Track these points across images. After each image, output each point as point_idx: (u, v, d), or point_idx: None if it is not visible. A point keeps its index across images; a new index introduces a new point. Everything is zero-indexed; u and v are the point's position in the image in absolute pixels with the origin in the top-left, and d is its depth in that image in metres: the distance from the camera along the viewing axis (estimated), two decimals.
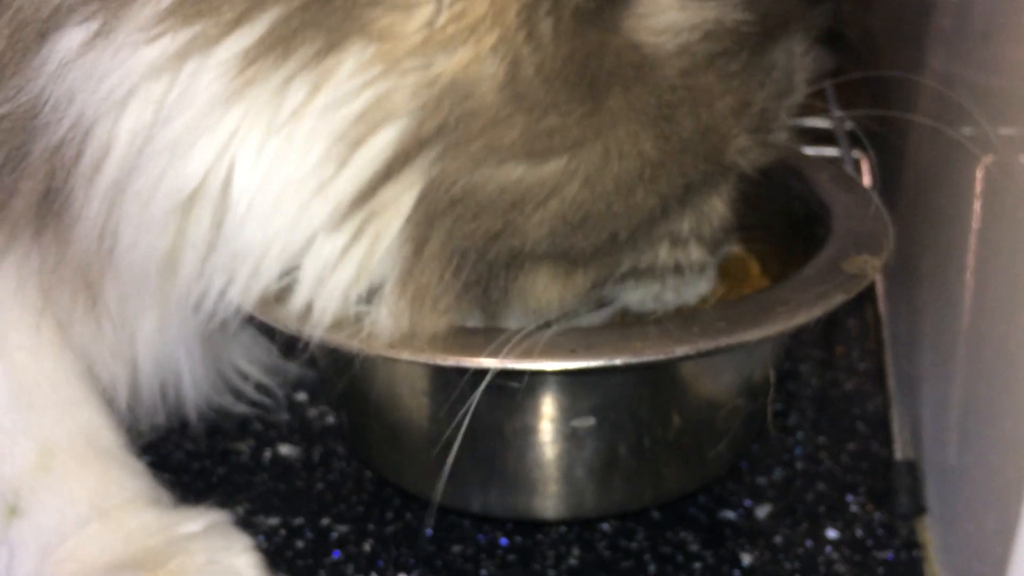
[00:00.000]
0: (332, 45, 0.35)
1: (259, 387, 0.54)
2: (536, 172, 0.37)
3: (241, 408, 0.54)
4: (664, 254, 0.42)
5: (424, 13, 0.35)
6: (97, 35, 0.37)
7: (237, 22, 0.36)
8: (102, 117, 0.37)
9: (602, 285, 0.42)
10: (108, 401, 0.47)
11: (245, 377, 0.53)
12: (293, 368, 0.56)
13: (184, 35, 0.36)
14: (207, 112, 0.36)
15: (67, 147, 0.38)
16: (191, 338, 0.47)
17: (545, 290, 0.41)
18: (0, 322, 0.43)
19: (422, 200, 0.37)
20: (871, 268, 0.42)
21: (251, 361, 0.53)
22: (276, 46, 0.36)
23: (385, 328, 0.39)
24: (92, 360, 0.46)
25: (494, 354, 0.38)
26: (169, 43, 0.36)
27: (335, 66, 0.35)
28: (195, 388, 0.49)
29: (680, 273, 0.43)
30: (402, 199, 0.37)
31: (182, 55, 0.36)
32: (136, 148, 0.37)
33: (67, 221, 0.40)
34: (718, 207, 0.43)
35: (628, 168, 0.37)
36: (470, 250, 0.38)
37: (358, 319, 0.40)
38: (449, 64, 0.35)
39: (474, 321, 0.41)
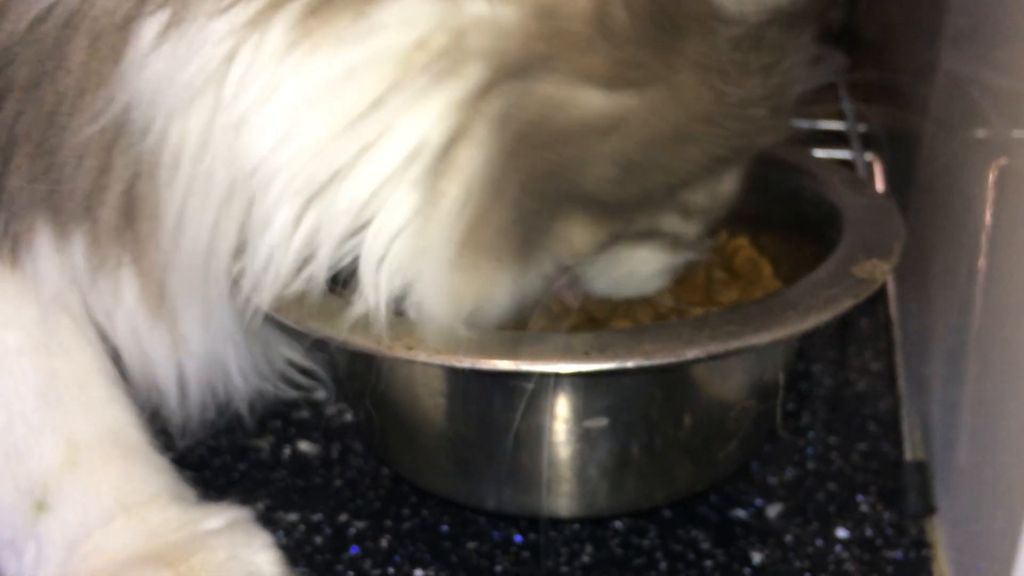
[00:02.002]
0: None
1: (305, 372, 0.54)
2: (609, 101, 0.37)
3: (291, 394, 0.53)
4: (672, 222, 0.43)
5: None
6: (169, 24, 0.36)
7: None
8: (180, 110, 0.37)
9: (616, 239, 0.43)
10: (158, 401, 0.47)
11: (291, 363, 0.53)
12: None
13: (254, 5, 0.36)
14: (268, 82, 0.36)
15: (149, 152, 0.38)
16: (236, 330, 0.47)
17: (576, 236, 0.41)
18: (32, 321, 0.44)
19: (501, 126, 0.37)
20: (880, 272, 0.43)
21: (294, 347, 0.53)
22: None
23: (432, 300, 0.39)
24: (147, 359, 0.46)
25: (509, 356, 0.39)
26: (237, 16, 0.36)
27: None
28: (244, 379, 0.49)
29: (668, 248, 0.44)
30: (483, 130, 0.37)
31: (249, 27, 0.36)
32: (204, 134, 0.37)
33: (145, 224, 0.40)
34: (728, 186, 0.44)
35: (685, 118, 0.39)
36: (533, 183, 0.38)
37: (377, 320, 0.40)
38: None
39: (502, 268, 0.40)
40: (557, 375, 0.40)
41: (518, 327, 0.43)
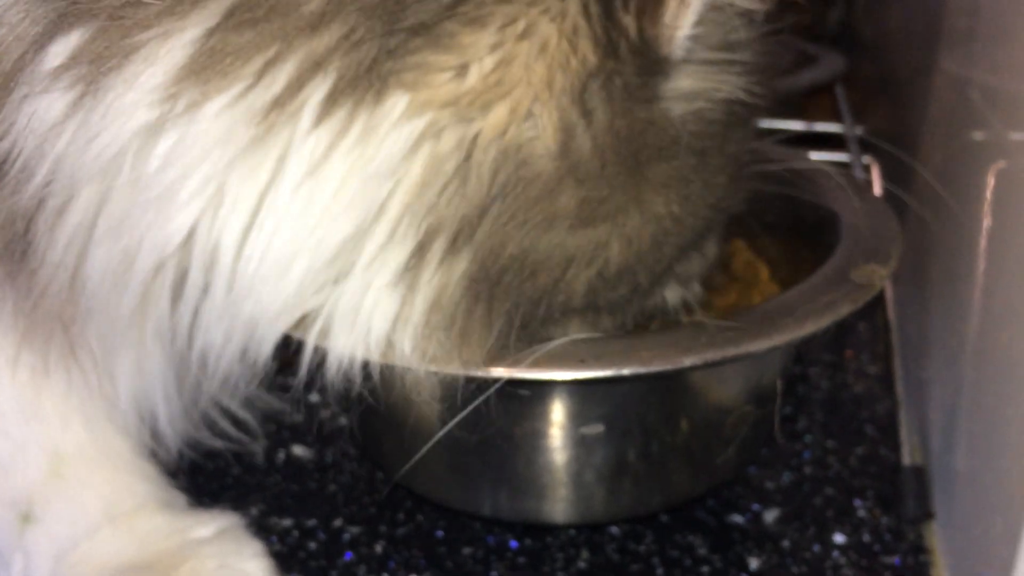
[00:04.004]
0: (364, 93, 0.35)
1: (236, 422, 0.53)
2: (584, 236, 0.38)
3: (217, 443, 0.52)
4: (673, 293, 0.45)
5: (447, 75, 0.35)
6: (84, 96, 0.35)
7: (257, 78, 0.35)
8: (86, 177, 0.36)
9: (623, 327, 0.43)
10: None
11: (223, 411, 0.52)
12: (274, 401, 0.55)
13: (192, 95, 0.35)
14: (208, 166, 0.35)
15: (31, 198, 0.37)
16: (168, 374, 0.46)
17: (575, 332, 0.42)
18: (5, 342, 0.43)
19: (478, 262, 0.37)
20: (878, 278, 0.43)
21: (230, 394, 0.52)
22: (293, 98, 0.35)
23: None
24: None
25: (505, 364, 0.39)
26: (172, 104, 0.35)
27: (372, 112, 0.35)
28: (171, 425, 0.47)
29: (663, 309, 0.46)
30: (458, 260, 0.37)
31: (184, 113, 0.35)
32: (116, 202, 0.36)
33: (32, 266, 0.39)
34: (713, 248, 0.46)
35: (659, 228, 0.39)
36: (519, 307, 0.39)
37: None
38: (486, 123, 0.36)
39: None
40: (553, 383, 0.40)
41: None
